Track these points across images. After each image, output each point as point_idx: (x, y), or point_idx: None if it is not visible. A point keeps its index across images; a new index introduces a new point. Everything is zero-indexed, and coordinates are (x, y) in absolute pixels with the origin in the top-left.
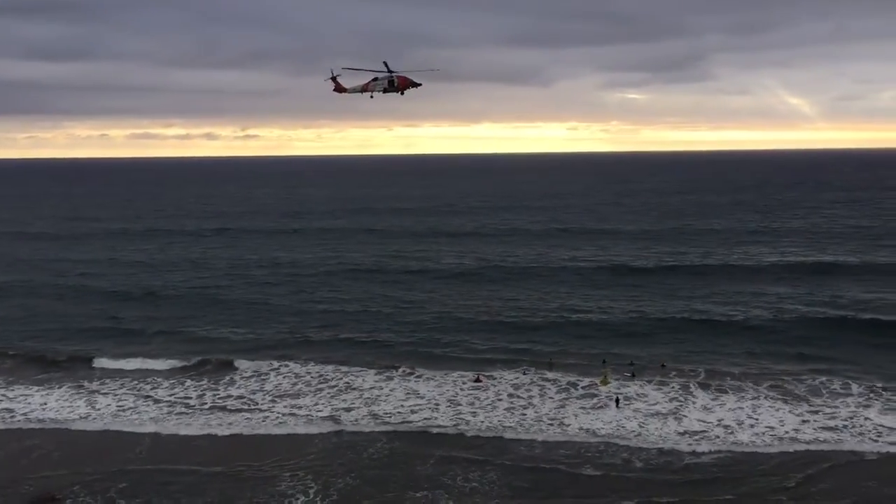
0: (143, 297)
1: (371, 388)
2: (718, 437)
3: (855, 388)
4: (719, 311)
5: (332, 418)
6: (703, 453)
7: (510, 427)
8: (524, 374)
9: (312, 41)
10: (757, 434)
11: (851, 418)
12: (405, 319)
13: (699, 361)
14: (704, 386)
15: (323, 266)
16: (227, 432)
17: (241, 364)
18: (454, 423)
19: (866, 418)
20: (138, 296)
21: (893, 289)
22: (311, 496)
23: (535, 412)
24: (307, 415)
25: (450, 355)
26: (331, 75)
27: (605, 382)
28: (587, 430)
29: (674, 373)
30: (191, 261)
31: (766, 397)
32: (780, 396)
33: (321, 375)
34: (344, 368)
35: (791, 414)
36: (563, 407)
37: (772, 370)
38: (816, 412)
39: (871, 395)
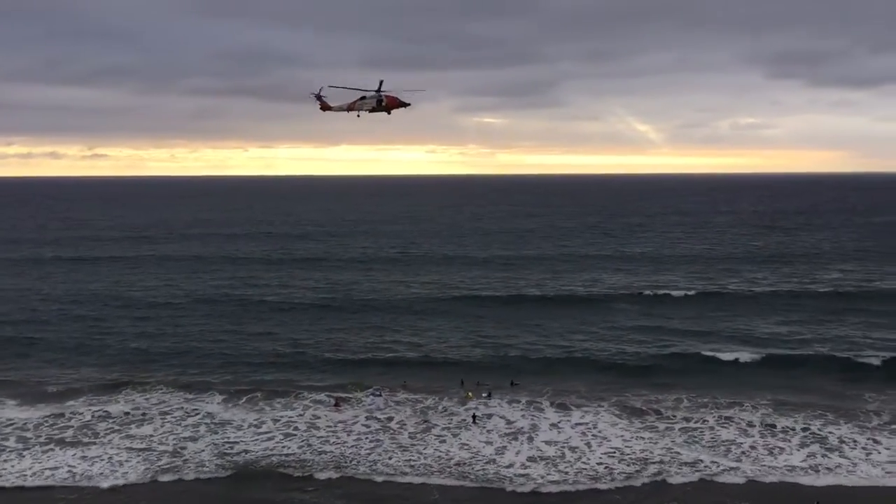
0: None
1: (218, 415)
2: (570, 462)
3: (695, 409)
4: (569, 337)
5: (175, 450)
6: (555, 481)
7: (362, 456)
8: (378, 395)
9: (166, 59)
10: (604, 455)
11: (694, 437)
12: (254, 350)
13: (546, 384)
14: (553, 405)
15: (169, 295)
16: (63, 469)
17: (78, 400)
18: (301, 452)
19: (708, 437)
20: None
21: (726, 314)
22: None
23: (391, 437)
24: (147, 447)
25: (301, 384)
26: (316, 93)
27: (468, 398)
28: (440, 459)
29: (524, 392)
30: (23, 290)
31: (608, 414)
32: (623, 417)
33: (163, 403)
34: (190, 396)
35: (627, 431)
36: (423, 431)
37: (616, 393)
38: (654, 431)
39: (712, 416)
